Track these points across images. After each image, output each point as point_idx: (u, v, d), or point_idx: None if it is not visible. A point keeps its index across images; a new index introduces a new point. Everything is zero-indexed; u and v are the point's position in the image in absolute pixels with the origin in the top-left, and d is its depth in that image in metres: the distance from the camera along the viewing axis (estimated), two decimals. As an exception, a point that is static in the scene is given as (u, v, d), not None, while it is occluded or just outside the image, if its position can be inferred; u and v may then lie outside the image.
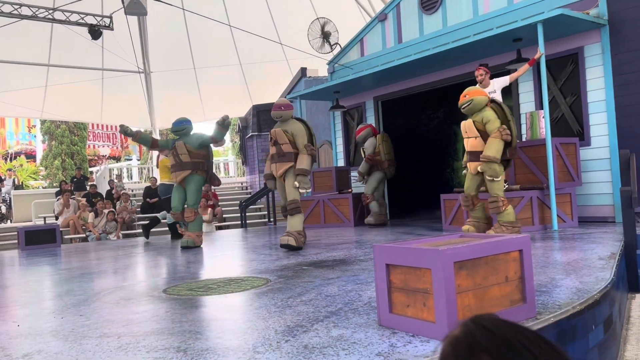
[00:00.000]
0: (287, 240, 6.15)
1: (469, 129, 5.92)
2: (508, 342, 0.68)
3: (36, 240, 9.14)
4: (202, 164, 7.37)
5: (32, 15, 11.36)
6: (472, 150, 5.90)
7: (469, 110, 5.84)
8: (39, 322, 3.37)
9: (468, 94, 5.82)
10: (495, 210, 5.78)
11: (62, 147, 23.26)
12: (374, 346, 2.34)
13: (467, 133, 5.95)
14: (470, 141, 5.92)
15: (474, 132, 5.86)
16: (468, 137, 5.95)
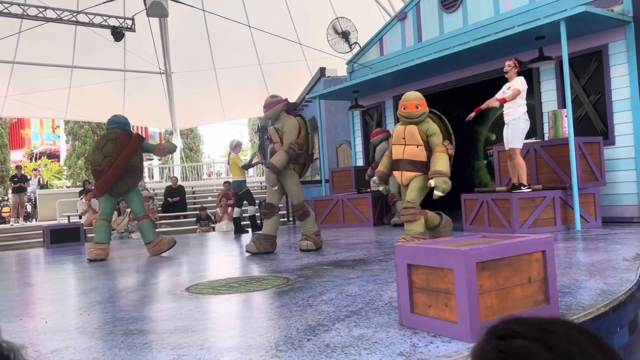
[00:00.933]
0: (306, 245, 6.14)
1: (411, 136, 5.38)
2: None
3: (61, 238, 9.32)
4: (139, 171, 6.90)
5: (57, 18, 11.58)
6: (410, 159, 5.38)
7: (413, 119, 5.40)
8: (66, 319, 3.44)
9: (420, 105, 5.39)
10: (409, 218, 5.28)
11: (85, 147, 23.66)
12: (396, 346, 2.35)
13: (405, 140, 5.41)
14: (410, 149, 5.37)
15: (416, 140, 5.35)
16: (407, 144, 5.40)
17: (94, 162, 6.70)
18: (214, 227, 12.43)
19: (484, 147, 11.50)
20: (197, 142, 35.86)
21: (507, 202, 6.38)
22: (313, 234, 6.21)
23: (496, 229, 6.46)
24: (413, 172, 5.38)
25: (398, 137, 5.50)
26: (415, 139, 5.36)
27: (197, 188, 17.79)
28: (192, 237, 9.96)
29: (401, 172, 5.48)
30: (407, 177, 5.43)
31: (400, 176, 5.49)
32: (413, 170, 5.38)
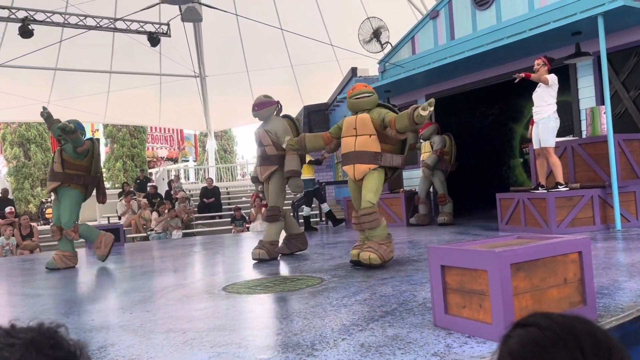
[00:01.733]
0: (258, 254, 5.80)
1: (363, 124, 4.81)
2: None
3: (102, 239, 9.60)
4: (77, 177, 6.32)
5: (96, 26, 11.96)
6: (363, 150, 4.75)
7: (364, 104, 4.89)
8: (110, 317, 3.59)
9: (369, 87, 5.00)
10: (371, 225, 4.65)
11: (124, 149, 24.32)
12: (430, 346, 2.37)
13: (357, 130, 4.82)
14: (362, 140, 4.78)
15: (369, 129, 4.78)
16: (359, 134, 4.81)
17: (96, 170, 6.51)
18: (249, 227, 12.62)
19: (520, 145, 11.31)
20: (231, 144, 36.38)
21: (544, 202, 6.28)
22: (268, 243, 5.88)
23: (532, 229, 6.37)
24: (366, 164, 4.74)
25: (348, 128, 4.90)
26: (368, 128, 4.78)
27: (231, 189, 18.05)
28: (227, 237, 10.13)
29: (353, 165, 4.82)
30: (360, 171, 4.78)
31: (353, 170, 4.83)
32: (366, 162, 4.74)
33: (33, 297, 4.62)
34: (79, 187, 6.35)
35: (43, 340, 0.74)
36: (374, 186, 4.72)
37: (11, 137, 22.17)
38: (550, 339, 0.75)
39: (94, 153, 6.41)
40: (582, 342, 0.74)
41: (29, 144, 22.18)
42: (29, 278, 6.03)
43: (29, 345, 0.72)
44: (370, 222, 4.64)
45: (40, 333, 0.75)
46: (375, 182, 4.74)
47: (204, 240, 9.86)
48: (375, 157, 4.74)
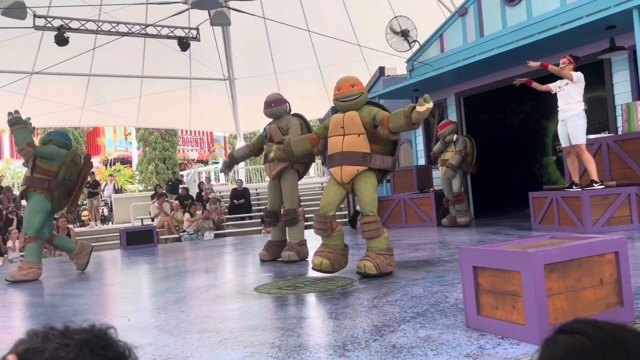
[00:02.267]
0: (288, 256, 5.76)
1: (351, 123, 4.48)
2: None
3: (136, 240, 9.85)
4: (41, 181, 6.05)
5: (128, 32, 12.24)
6: (350, 151, 4.43)
7: (352, 107, 4.58)
8: (146, 317, 3.68)
9: (356, 85, 4.62)
10: (372, 234, 4.39)
11: (155, 152, 24.80)
12: (463, 347, 2.36)
13: (344, 129, 4.50)
14: (350, 139, 4.46)
15: (358, 127, 4.46)
16: (346, 133, 4.49)
17: (70, 177, 6.21)
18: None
19: (553, 143, 11.09)
20: (260, 145, 36.59)
21: (578, 200, 6.14)
22: (297, 244, 5.86)
23: (567, 228, 6.24)
24: (354, 165, 4.42)
25: (336, 127, 4.57)
26: (357, 127, 4.46)
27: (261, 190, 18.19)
28: (257, 238, 10.23)
29: (340, 167, 4.48)
30: (347, 173, 4.45)
31: (340, 173, 4.49)
32: (354, 163, 4.41)
33: (72, 297, 4.77)
34: (44, 192, 6.06)
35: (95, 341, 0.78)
36: (370, 197, 4.43)
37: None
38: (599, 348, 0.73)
39: (65, 160, 6.15)
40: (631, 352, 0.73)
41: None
42: (68, 278, 6.22)
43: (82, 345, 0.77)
44: (370, 232, 4.39)
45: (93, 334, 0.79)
46: (370, 192, 4.44)
47: (234, 241, 9.99)
48: (364, 158, 4.40)
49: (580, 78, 6.03)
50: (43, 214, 6.13)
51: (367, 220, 4.42)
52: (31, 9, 10.04)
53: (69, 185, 6.23)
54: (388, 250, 4.43)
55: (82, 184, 6.45)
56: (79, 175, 6.33)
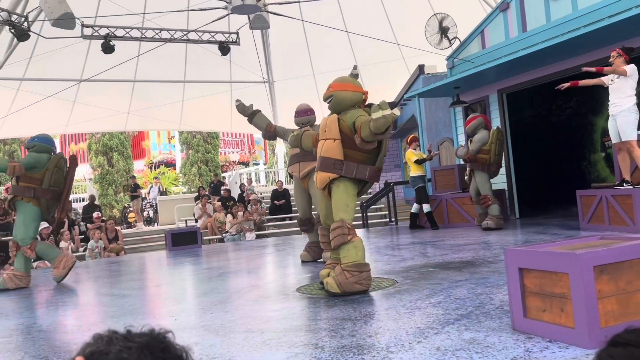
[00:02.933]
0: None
1: (328, 127, 4.19)
2: None
3: (181, 241, 10.09)
4: (27, 190, 6.00)
5: (171, 38, 12.56)
6: (324, 157, 4.14)
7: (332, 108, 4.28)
8: (192, 317, 3.78)
9: (331, 86, 4.29)
10: (338, 240, 3.99)
11: (198, 155, 25.32)
12: (509, 350, 2.32)
13: (326, 133, 4.22)
14: (327, 144, 4.16)
15: (333, 132, 4.13)
16: (327, 138, 4.20)
17: (55, 183, 6.17)
18: (319, 228, 12.74)
19: (601, 139, 10.70)
20: (299, 146, 36.79)
21: (629, 199, 5.91)
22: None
23: (617, 228, 6.01)
24: (326, 172, 4.11)
25: (321, 130, 4.32)
26: (332, 132, 4.14)
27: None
28: (297, 238, 10.30)
29: (317, 173, 4.23)
30: (320, 180, 4.18)
31: (316, 178, 4.27)
32: (326, 170, 4.10)
33: (121, 298, 4.93)
34: (32, 200, 6.04)
35: (155, 344, 0.83)
36: (342, 204, 4.06)
37: (96, 146, 23.69)
38: None
39: (49, 166, 6.12)
40: None
41: (112, 152, 23.59)
42: (116, 279, 6.44)
43: (143, 348, 0.82)
44: (335, 238, 4.00)
45: (153, 337, 0.84)
46: (342, 198, 4.07)
47: (275, 242, 10.09)
48: (334, 165, 4.06)
49: (634, 71, 5.81)
50: (36, 222, 6.22)
51: (335, 225, 4.03)
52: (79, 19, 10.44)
53: (55, 191, 6.19)
54: (357, 266, 3.91)
55: (69, 187, 6.44)
56: (65, 179, 6.29)
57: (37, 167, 6.08)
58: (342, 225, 3.99)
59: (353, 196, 4.13)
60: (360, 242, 4.02)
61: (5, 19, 9.72)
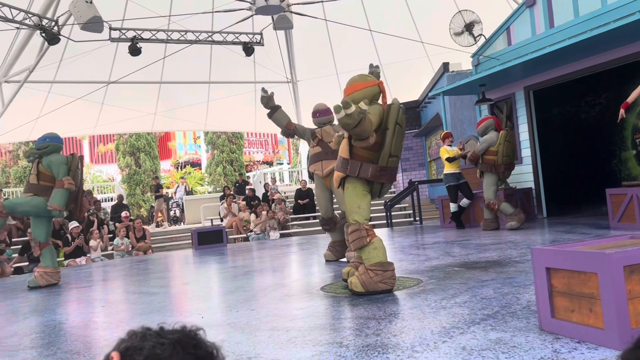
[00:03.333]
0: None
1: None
2: None
3: (207, 240, 10.22)
4: (51, 189, 6.10)
5: (196, 40, 12.72)
6: (339, 156, 4.18)
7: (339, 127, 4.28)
8: (218, 314, 3.83)
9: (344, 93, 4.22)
10: (357, 244, 3.97)
11: (223, 155, 25.58)
12: (536, 351, 2.29)
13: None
14: (343, 142, 4.23)
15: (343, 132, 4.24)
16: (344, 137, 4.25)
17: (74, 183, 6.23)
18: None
19: (632, 136, 10.44)
20: (323, 145, 36.82)
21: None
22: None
23: (649, 227, 5.87)
24: (338, 171, 4.15)
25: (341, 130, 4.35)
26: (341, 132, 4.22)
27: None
28: (321, 238, 10.32)
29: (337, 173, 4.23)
30: (334, 178, 4.25)
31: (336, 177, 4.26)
32: (337, 168, 4.15)
33: (149, 295, 5.02)
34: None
35: (187, 341, 0.86)
36: (353, 205, 4.04)
37: (123, 147, 24.14)
38: None
39: (71, 166, 6.22)
40: None
41: (139, 153, 24.01)
42: (144, 277, 6.56)
43: (176, 344, 0.84)
44: (354, 242, 3.99)
45: (184, 334, 0.87)
46: (352, 199, 4.04)
47: (299, 241, 10.13)
48: (343, 163, 4.07)
49: None
50: (51, 220, 6.36)
51: (351, 229, 4.01)
52: (107, 22, 10.65)
53: (75, 192, 6.27)
54: (381, 265, 3.89)
55: (82, 187, 6.55)
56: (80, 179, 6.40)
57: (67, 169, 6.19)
58: (359, 227, 3.95)
59: (363, 196, 4.05)
60: (379, 241, 3.98)
61: (36, 24, 9.98)
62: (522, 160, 9.83)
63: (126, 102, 16.55)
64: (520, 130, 9.85)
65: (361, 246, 3.94)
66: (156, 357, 0.83)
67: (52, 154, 6.21)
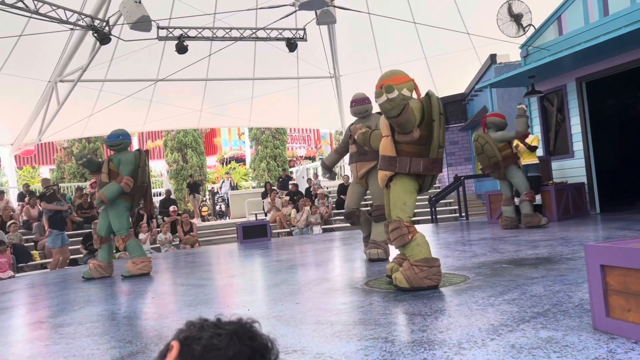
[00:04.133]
0: (377, 253, 5.69)
1: (382, 125, 4.20)
2: None
3: (251, 234, 10.37)
4: None
5: (240, 37, 12.88)
6: (382, 155, 4.11)
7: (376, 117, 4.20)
8: (263, 307, 3.88)
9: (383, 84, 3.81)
10: (399, 242, 3.93)
11: (267, 150, 25.84)
12: (590, 351, 2.21)
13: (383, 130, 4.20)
14: (383, 141, 4.13)
15: (386, 129, 4.09)
16: (383, 135, 4.16)
17: (141, 180, 6.49)
18: (386, 223, 12.65)
19: None
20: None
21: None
22: (383, 242, 5.68)
23: None
24: (384, 170, 4.08)
25: (382, 128, 4.24)
26: (385, 129, 4.12)
27: (368, 185, 18.25)
28: (366, 233, 10.30)
29: (378, 171, 4.23)
30: (380, 178, 4.17)
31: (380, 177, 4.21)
32: (384, 168, 4.07)
33: (196, 287, 5.14)
34: (125, 196, 6.37)
35: (243, 332, 0.89)
36: (399, 202, 3.99)
37: (171, 143, 24.74)
38: None
39: (139, 163, 6.43)
40: None
41: (186, 149, 24.55)
42: (192, 270, 6.72)
43: (232, 335, 0.87)
44: (395, 240, 3.95)
45: (241, 326, 0.90)
46: (399, 196, 3.99)
47: (342, 236, 10.13)
48: (390, 162, 4.01)
49: None
50: (127, 213, 6.59)
51: (392, 226, 3.98)
52: (155, 21, 10.93)
53: (143, 187, 6.55)
54: (426, 261, 3.85)
55: (150, 182, 6.77)
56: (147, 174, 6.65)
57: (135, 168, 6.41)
58: (400, 225, 3.91)
59: (411, 193, 4.02)
60: (422, 237, 3.93)
61: (89, 24, 10.35)
62: (574, 155, 9.49)
63: (173, 100, 16.96)
64: (571, 123, 9.50)
65: (403, 244, 3.91)
66: (213, 347, 0.86)
67: (122, 151, 6.44)
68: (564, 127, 9.72)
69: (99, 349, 3.06)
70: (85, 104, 15.71)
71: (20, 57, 13.02)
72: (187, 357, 0.87)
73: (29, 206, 12.66)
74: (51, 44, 13.14)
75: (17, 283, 7.50)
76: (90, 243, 10.81)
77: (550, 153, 10.09)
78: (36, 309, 5.01)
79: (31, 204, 12.70)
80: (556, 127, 9.98)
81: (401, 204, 3.97)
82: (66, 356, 2.99)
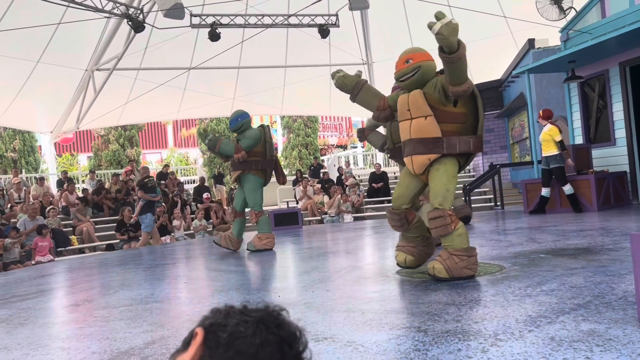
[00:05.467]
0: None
1: (415, 105, 3.80)
2: None
3: (283, 222, 10.41)
4: (255, 163, 6.66)
5: (272, 24, 12.84)
6: (419, 138, 3.78)
7: (413, 84, 3.84)
8: (294, 294, 3.86)
9: (412, 58, 3.82)
10: (441, 231, 3.73)
11: (299, 139, 25.85)
12: (635, 345, 2.10)
13: (411, 112, 3.83)
14: (418, 123, 3.79)
15: (423, 109, 3.75)
16: (413, 117, 3.82)
17: (269, 154, 6.81)
18: (419, 211, 12.50)
19: None
20: (398, 128, 36.22)
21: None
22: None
23: None
24: (425, 154, 3.77)
25: (402, 111, 3.91)
26: (422, 108, 3.76)
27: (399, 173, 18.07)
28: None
29: (411, 157, 3.88)
30: (419, 164, 3.83)
31: (411, 163, 3.89)
32: (424, 152, 3.77)
33: (228, 273, 5.17)
34: (258, 172, 6.72)
35: (270, 320, 0.85)
36: (441, 187, 3.75)
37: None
38: None
39: (265, 138, 6.73)
40: None
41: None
42: (224, 256, 6.77)
43: (259, 322, 0.84)
44: (437, 229, 3.74)
45: (267, 313, 0.87)
46: (442, 182, 3.76)
47: (374, 224, 10.06)
48: (435, 144, 3.72)
49: None
50: (261, 190, 6.87)
51: (434, 214, 3.74)
52: (188, 8, 10.99)
53: (272, 160, 6.87)
54: (465, 250, 3.70)
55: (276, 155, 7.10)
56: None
57: (257, 144, 6.68)
58: (443, 214, 3.70)
59: (454, 178, 3.83)
60: (463, 227, 3.77)
61: (123, 13, 10.48)
62: (616, 142, 9.13)
63: (206, 88, 17.08)
64: (614, 109, 9.14)
65: (446, 234, 3.73)
66: (239, 335, 0.83)
67: (246, 130, 6.70)
68: (606, 113, 9.35)
69: (131, 332, 3.10)
70: (121, 92, 15.99)
71: (59, 46, 13.33)
72: (212, 344, 0.84)
73: (67, 192, 13.02)
74: (88, 33, 13.40)
75: (56, 266, 7.72)
76: (124, 229, 11.04)
77: (590, 141, 9.74)
78: (73, 292, 5.13)
79: (69, 190, 13.06)
80: (597, 114, 9.62)
81: (444, 190, 3.76)
82: (99, 339, 3.04)
